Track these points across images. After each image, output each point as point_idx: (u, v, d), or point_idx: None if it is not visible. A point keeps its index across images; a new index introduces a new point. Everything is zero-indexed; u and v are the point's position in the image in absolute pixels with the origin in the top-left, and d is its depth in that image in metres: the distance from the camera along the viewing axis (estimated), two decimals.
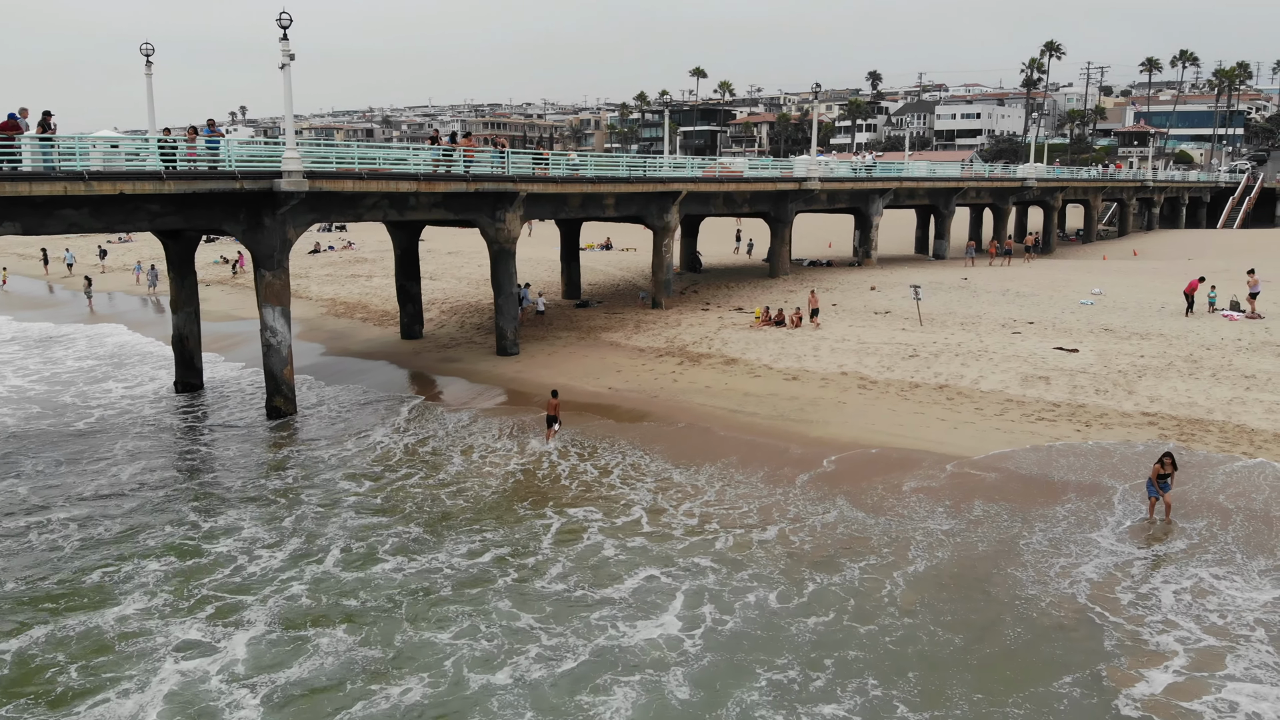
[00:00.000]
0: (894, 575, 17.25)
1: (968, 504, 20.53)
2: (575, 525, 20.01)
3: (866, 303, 42.24)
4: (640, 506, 20.96)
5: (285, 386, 30.27)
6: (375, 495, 21.96)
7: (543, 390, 30.95)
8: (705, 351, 34.64)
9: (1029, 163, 71.38)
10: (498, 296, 35.88)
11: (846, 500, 20.98)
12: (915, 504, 20.69)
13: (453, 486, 22.58)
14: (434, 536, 19.32)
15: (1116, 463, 22.10)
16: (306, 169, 29.08)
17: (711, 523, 20.08)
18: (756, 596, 16.41)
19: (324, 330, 42.84)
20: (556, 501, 21.51)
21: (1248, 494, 20.05)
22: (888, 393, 28.71)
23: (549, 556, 18.21)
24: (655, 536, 19.31)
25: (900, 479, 21.94)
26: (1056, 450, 23.13)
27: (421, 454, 25.29)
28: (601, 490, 22.22)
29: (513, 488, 22.57)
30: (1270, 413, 25.13)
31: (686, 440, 25.58)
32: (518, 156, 36.70)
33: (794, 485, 22.12)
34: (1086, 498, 20.59)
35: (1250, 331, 34.09)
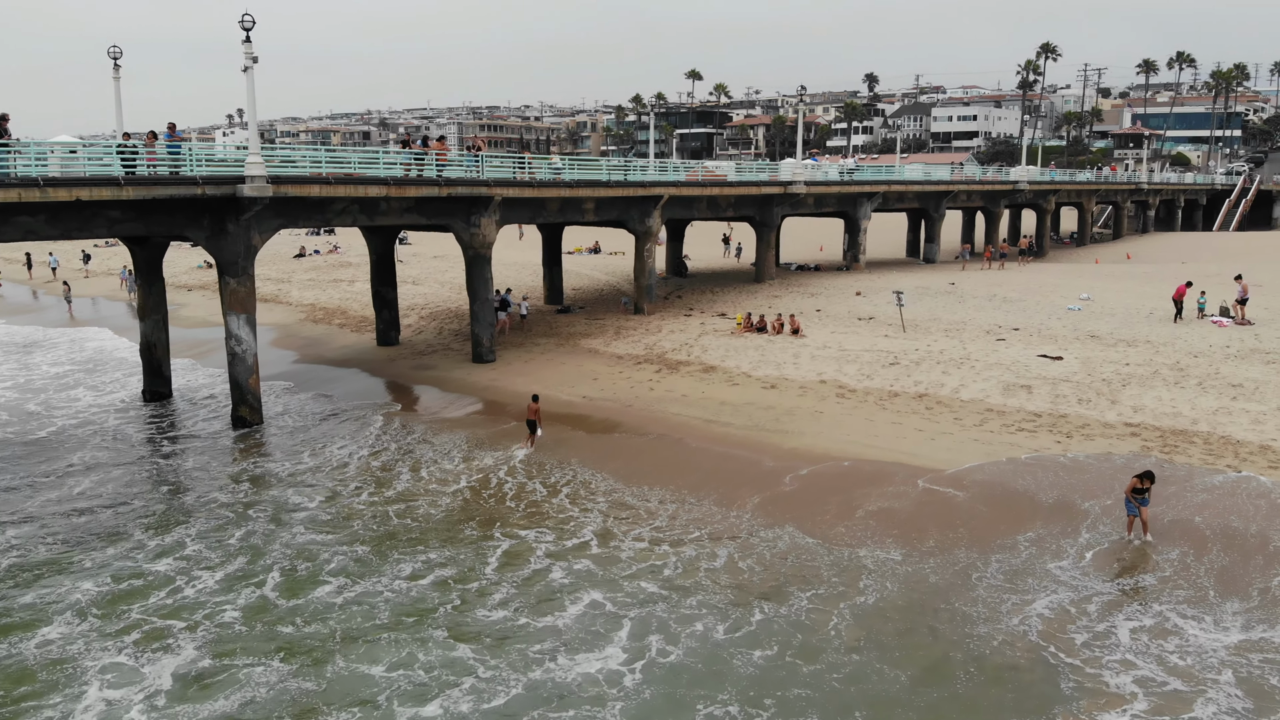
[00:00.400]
0: (841, 607, 16.32)
1: (929, 528, 19.47)
2: (522, 547, 19.19)
3: (851, 308, 41.57)
4: (591, 529, 20.10)
5: (251, 396, 29.60)
6: (326, 510, 21.28)
7: (516, 399, 30.30)
8: (684, 359, 33.97)
9: (1021, 165, 70.62)
10: (473, 303, 35.21)
11: (804, 524, 19.91)
12: (874, 528, 19.64)
13: (402, 503, 21.84)
14: (378, 557, 18.62)
15: (1091, 479, 21.23)
16: (271, 174, 28.41)
17: (662, 545, 19.20)
18: (703, 626, 15.67)
19: (300, 337, 42.17)
20: (505, 522, 20.68)
21: (1228, 515, 19.14)
22: (866, 402, 28.04)
23: (493, 580, 17.50)
24: (603, 560, 18.52)
25: (866, 497, 21.06)
26: (1033, 464, 22.41)
27: (375, 468, 24.54)
28: (552, 510, 21.30)
29: (463, 506, 21.76)
30: (1257, 423, 24.44)
31: (655, 453, 24.87)
32: (494, 160, 36.04)
33: (754, 505, 21.15)
34: (1055, 521, 19.55)
35: (1239, 338, 33.39)
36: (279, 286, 55.57)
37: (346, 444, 26.71)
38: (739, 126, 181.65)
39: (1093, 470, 21.75)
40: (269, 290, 54.76)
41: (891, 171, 62.31)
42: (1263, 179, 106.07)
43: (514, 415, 28.62)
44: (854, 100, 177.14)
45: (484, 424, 28.20)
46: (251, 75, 28.35)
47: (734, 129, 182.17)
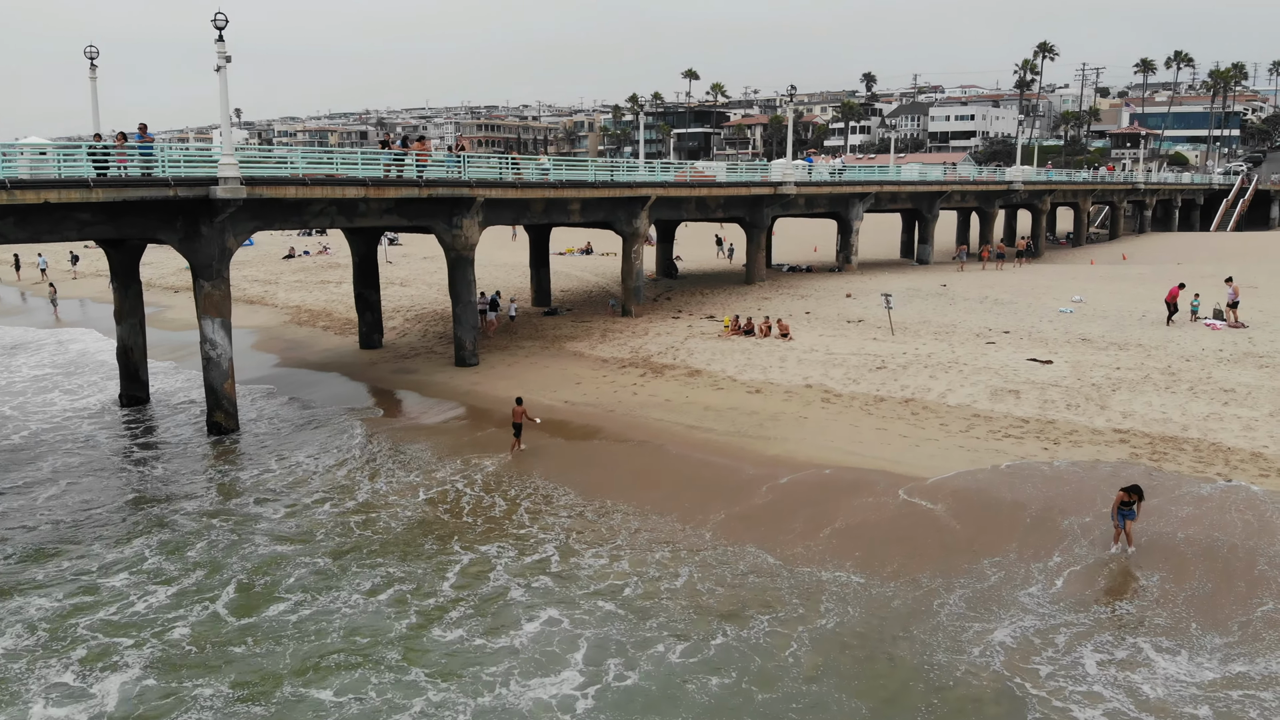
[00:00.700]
0: (801, 632, 15.63)
1: (899, 548, 18.61)
2: (482, 563, 18.56)
3: (840, 310, 41.05)
4: (553, 544, 19.43)
5: (226, 401, 29.09)
6: (289, 522, 20.74)
7: (496, 404, 29.80)
8: (669, 363, 33.45)
9: (1016, 165, 70.10)
10: (455, 305, 34.69)
11: (772, 542, 19.12)
12: (842, 546, 18.82)
13: (366, 515, 21.26)
14: (338, 571, 18.10)
15: (1072, 491, 20.51)
16: (246, 175, 27.89)
17: (622, 562, 18.48)
18: (661, 649, 15.09)
19: (282, 339, 41.63)
20: (465, 536, 20.00)
21: (1214, 531, 18.38)
22: (851, 407, 27.53)
23: (450, 598, 16.96)
24: (563, 577, 17.84)
25: (841, 511, 20.36)
26: (1016, 473, 21.90)
27: (342, 478, 23.91)
28: (514, 525, 20.56)
29: (426, 518, 21.09)
30: (1248, 430, 23.93)
31: (632, 462, 24.33)
32: (478, 161, 35.51)
33: (724, 520, 20.41)
34: (1030, 541, 18.56)
35: (1233, 342, 32.87)
36: (266, 288, 55.06)
37: (318, 452, 26.14)
38: (736, 126, 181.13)
39: (1075, 481, 21.18)
40: (256, 292, 54.32)
41: (885, 171, 61.74)
42: (1260, 178, 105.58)
43: (493, 421, 28.12)
44: (851, 100, 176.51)
45: (459, 431, 27.65)
46: (224, 75, 27.85)
47: (731, 129, 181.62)
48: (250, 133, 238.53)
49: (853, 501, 20.63)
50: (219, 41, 27.51)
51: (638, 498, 21.92)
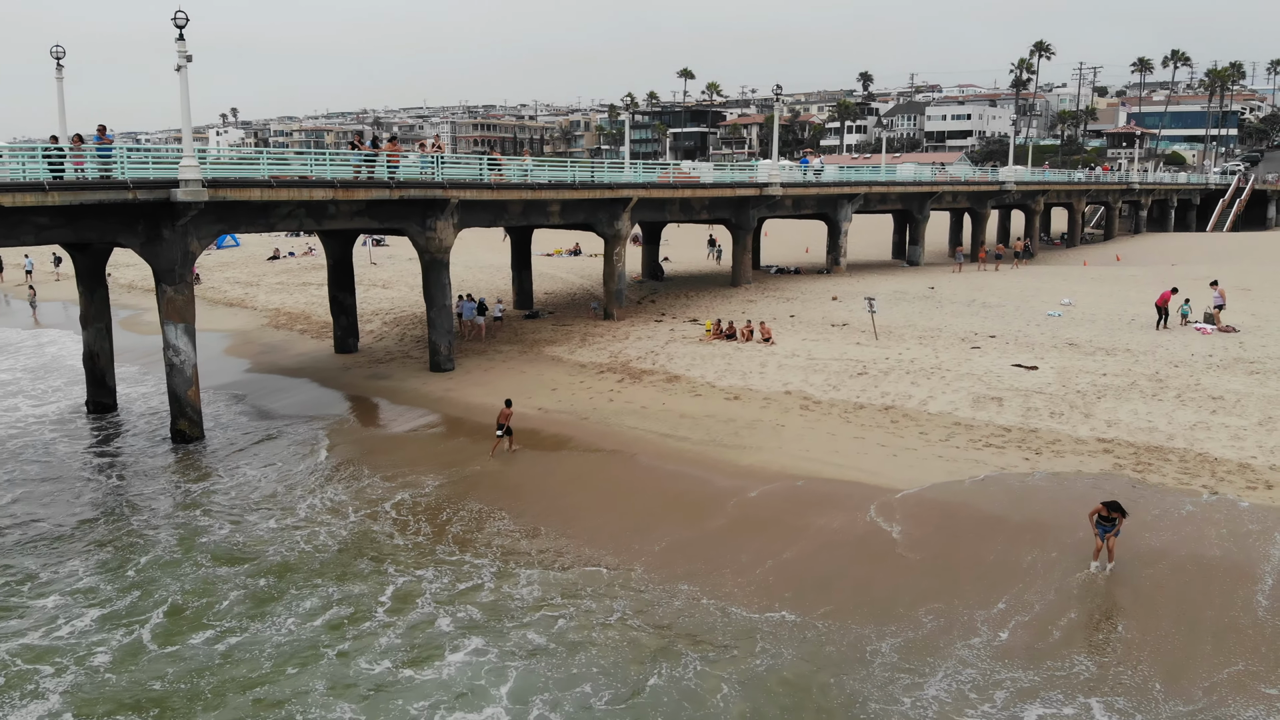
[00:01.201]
0: (730, 674, 14.60)
1: (848, 582, 17.58)
2: (416, 589, 17.63)
3: (825, 314, 40.32)
4: (491, 570, 18.46)
5: (190, 409, 28.35)
6: (235, 538, 19.96)
7: (469, 412, 29.10)
8: (648, 368, 32.72)
9: (1009, 165, 69.36)
10: (430, 309, 33.94)
11: (716, 573, 17.94)
12: (789, 579, 17.66)
13: (311, 531, 20.44)
14: (274, 593, 17.35)
15: (1048, 510, 19.69)
16: (208, 177, 27.16)
17: (555, 596, 17.44)
18: (588, 689, 14.23)
19: (258, 343, 40.88)
20: (407, 557, 19.07)
21: (1192, 560, 17.28)
22: (830, 415, 26.81)
23: (383, 623, 16.20)
24: (494, 608, 16.83)
25: (800, 534, 19.37)
26: (993, 485, 21.19)
27: (297, 492, 23.02)
28: (454, 548, 19.59)
29: (370, 537, 20.21)
30: (1236, 439, 23.22)
31: (598, 474, 23.56)
32: (453, 161, 34.76)
33: (672, 544, 19.29)
34: (991, 574, 17.41)
35: (1223, 346, 32.15)
36: (246, 290, 54.32)
37: (275, 464, 25.27)
38: (732, 126, 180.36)
39: (1052, 496, 20.44)
40: (236, 294, 53.61)
41: (875, 172, 60.98)
42: (1257, 178, 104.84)
43: (462, 431, 27.40)
44: (847, 100, 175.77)
45: (424, 443, 26.83)
46: (185, 75, 27.09)
47: (728, 128, 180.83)
48: (246, 132, 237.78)
49: (816, 521, 19.74)
50: (179, 40, 26.75)
51: (591, 520, 20.76)
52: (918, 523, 19.49)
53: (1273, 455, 22.15)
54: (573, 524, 20.68)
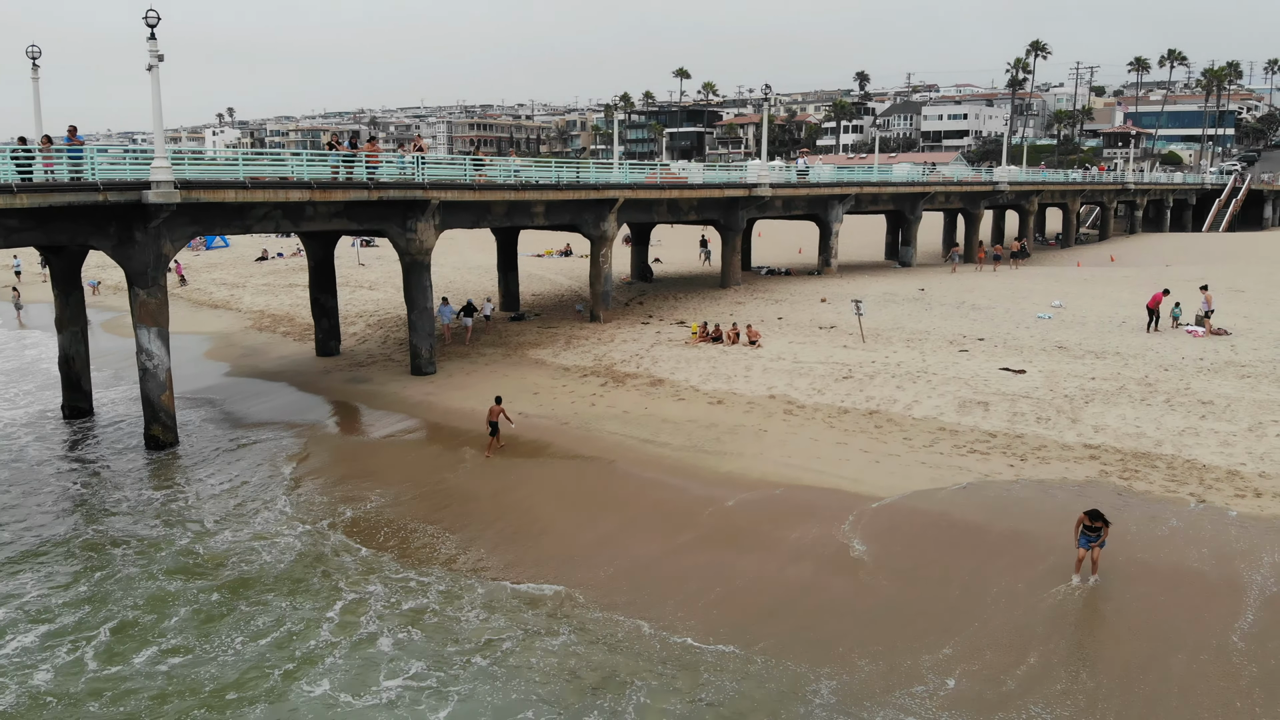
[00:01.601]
0: (674, 706, 13.92)
1: (810, 601, 16.91)
2: (363, 606, 17.08)
3: (814, 316, 39.86)
4: (439, 589, 17.81)
5: (164, 414, 27.88)
6: (194, 550, 19.47)
7: (447, 417, 28.65)
8: (632, 371, 32.26)
9: (1003, 164, 68.87)
10: (411, 312, 33.45)
11: (669, 600, 17.07)
12: (750, 599, 16.98)
13: (266, 542, 19.90)
14: (225, 609, 16.85)
15: (1028, 522, 19.21)
16: (181, 178, 26.68)
17: (498, 617, 16.74)
18: (530, 715, 13.75)
19: (239, 346, 40.40)
20: (355, 574, 18.44)
21: (1174, 582, 16.61)
22: (814, 419, 26.36)
23: (327, 642, 15.69)
24: (441, 630, 16.24)
25: (775, 545, 18.81)
26: (975, 494, 20.75)
27: (262, 500, 22.53)
28: (406, 564, 18.87)
29: (328, 550, 19.67)
30: (1225, 445, 22.77)
31: (573, 482, 23.05)
32: (435, 161, 34.29)
33: (626, 569, 18.46)
34: (963, 603, 16.55)
35: (1214, 350, 31.70)
36: (232, 292, 53.82)
37: (243, 472, 24.69)
38: (729, 125, 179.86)
39: (1034, 506, 19.96)
40: (222, 295, 53.12)
41: (868, 172, 60.47)
42: (1254, 178, 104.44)
43: (440, 438, 26.90)
44: (843, 99, 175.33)
45: (398, 450, 26.28)
46: (156, 74, 26.63)
47: (724, 128, 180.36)
48: (243, 132, 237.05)
49: (789, 535, 19.12)
50: (150, 40, 26.30)
51: (555, 535, 20.10)
52: (892, 537, 18.95)
53: (1262, 462, 21.73)
54: (535, 540, 20.07)
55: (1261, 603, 15.99)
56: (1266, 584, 16.52)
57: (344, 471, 24.32)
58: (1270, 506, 19.48)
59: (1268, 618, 15.55)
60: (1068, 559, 17.36)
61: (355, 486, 23.21)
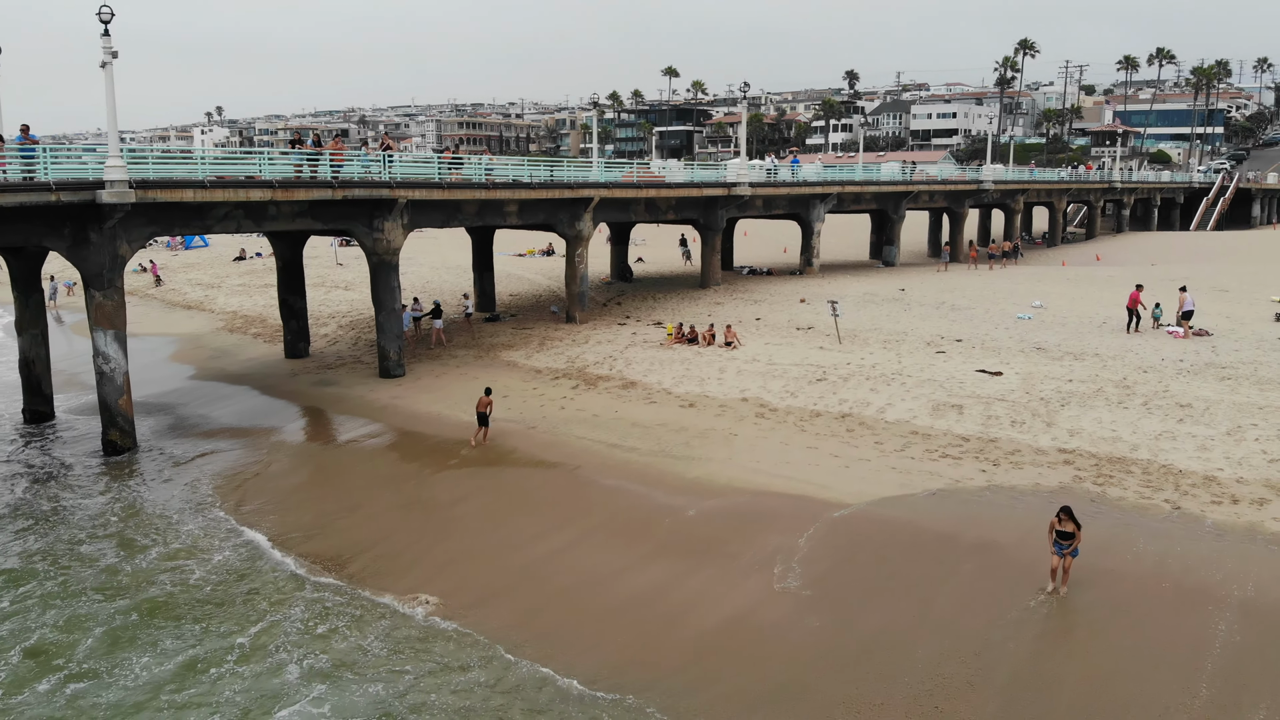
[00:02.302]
0: None
1: (741, 640, 15.65)
2: (276, 631, 16.32)
3: (792, 317, 39.29)
4: (358, 617, 16.93)
5: (122, 419, 27.23)
6: (121, 567, 18.77)
7: (412, 421, 28.02)
8: (605, 374, 31.66)
9: (987, 163, 68.37)
10: (379, 313, 32.82)
11: (589, 629, 16.17)
12: (676, 636, 15.78)
13: (198, 557, 19.21)
14: (136, 632, 16.15)
15: (996, 529, 18.64)
16: (137, 177, 26.02)
17: (405, 655, 15.70)
18: None
19: (207, 348, 39.69)
20: (274, 597, 17.63)
21: (1145, 596, 15.87)
22: (785, 423, 25.78)
23: (231, 670, 14.92)
24: (347, 660, 15.40)
25: (730, 561, 17.92)
26: (943, 502, 20.13)
27: (199, 515, 21.70)
28: (351, 580, 18.15)
29: (256, 567, 18.84)
30: (1203, 450, 22.22)
31: (531, 492, 22.30)
32: (403, 160, 33.65)
33: (592, 576, 17.78)
34: (924, 616, 15.78)
35: (1194, 351, 31.19)
36: (207, 292, 53.10)
37: (193, 480, 23.88)
38: (718, 124, 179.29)
39: (1002, 515, 19.34)
40: (196, 296, 52.41)
41: (851, 171, 59.91)
42: (1242, 176, 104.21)
43: (401, 446, 26.09)
44: (832, 98, 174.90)
45: (354, 458, 25.50)
46: (110, 71, 25.95)
47: (713, 127, 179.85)
48: (232, 131, 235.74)
49: (746, 551, 18.16)
50: (104, 35, 25.64)
51: (497, 554, 19.10)
52: (854, 549, 18.24)
53: (1240, 467, 21.19)
54: (473, 558, 19.14)
55: (1239, 615, 15.40)
56: (1243, 596, 15.94)
57: (294, 481, 23.67)
58: (1247, 514, 18.92)
59: (1243, 631, 14.99)
60: (1037, 568, 16.80)
61: (304, 497, 22.54)
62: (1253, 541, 17.71)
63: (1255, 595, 15.88)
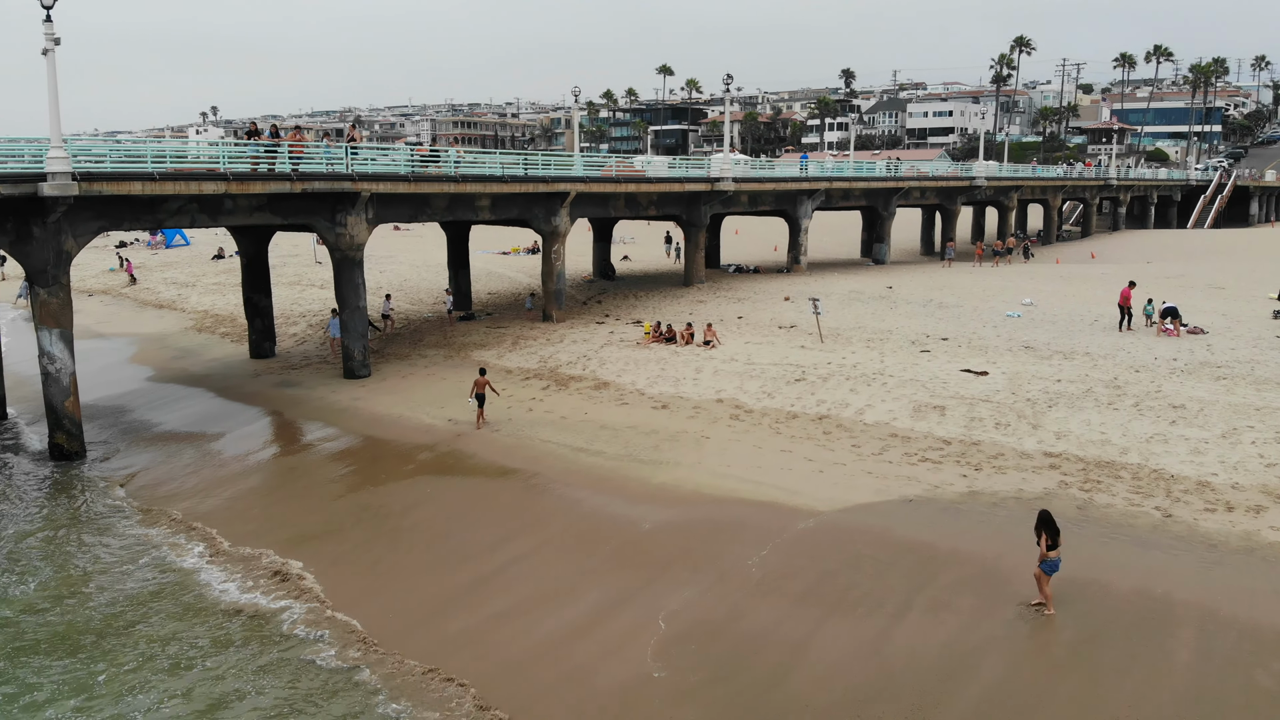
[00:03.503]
0: None
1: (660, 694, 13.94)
2: (146, 669, 15.04)
3: (774, 315, 38.09)
4: (258, 651, 15.56)
5: (69, 421, 26.05)
6: (44, 592, 17.57)
7: (373, 425, 26.82)
8: (578, 374, 30.48)
9: (979, 159, 67.18)
10: (342, 311, 31.62)
11: (502, 675, 14.53)
12: (587, 684, 14.19)
13: (106, 576, 18.06)
14: (47, 657, 15.01)
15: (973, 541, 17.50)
16: (81, 170, 24.84)
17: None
18: None
19: (173, 348, 38.47)
20: (164, 629, 16.25)
21: (1134, 610, 14.72)
22: (760, 424, 24.59)
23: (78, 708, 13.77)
24: (219, 702, 14.12)
25: (678, 586, 16.38)
26: (923, 507, 18.95)
27: (124, 527, 20.52)
28: (251, 617, 16.69)
29: (160, 591, 17.57)
30: (1196, 454, 21.04)
31: (481, 503, 20.94)
32: (368, 153, 32.45)
33: (514, 602, 16.28)
34: (887, 645, 14.33)
35: (1189, 350, 30.01)
36: (180, 291, 51.88)
37: (120, 491, 22.73)
38: (713, 123, 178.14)
39: (983, 522, 18.17)
40: (169, 295, 51.22)
41: (840, 168, 58.71)
42: (1240, 174, 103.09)
43: (355, 452, 24.78)
44: (828, 97, 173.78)
45: (305, 467, 24.22)
46: (53, 59, 24.80)
47: (708, 125, 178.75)
48: (226, 130, 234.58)
49: (694, 581, 16.92)
50: (46, 22, 24.52)
51: (418, 577, 17.76)
52: (822, 561, 17.00)
53: (1235, 471, 20.02)
54: (387, 584, 17.63)
55: (1235, 635, 14.22)
56: (1237, 611, 14.76)
57: (234, 491, 22.42)
58: (1242, 522, 17.74)
59: (1238, 651, 13.81)
60: (1018, 581, 15.63)
61: (243, 509, 21.30)
62: (1249, 553, 16.54)
63: (1252, 612, 14.70)
